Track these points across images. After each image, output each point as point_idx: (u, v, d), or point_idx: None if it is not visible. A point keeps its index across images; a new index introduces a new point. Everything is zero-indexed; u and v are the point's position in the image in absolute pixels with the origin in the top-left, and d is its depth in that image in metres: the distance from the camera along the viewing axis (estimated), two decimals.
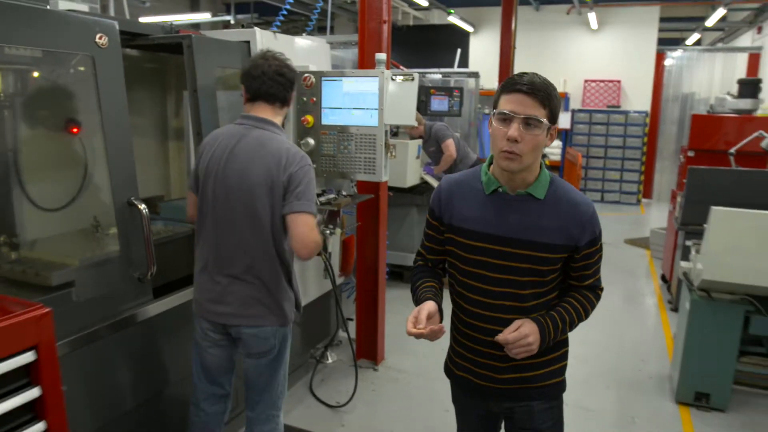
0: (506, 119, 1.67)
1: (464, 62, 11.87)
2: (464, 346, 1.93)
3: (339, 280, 3.80)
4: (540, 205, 1.78)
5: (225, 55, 3.20)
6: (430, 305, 1.77)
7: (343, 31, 13.85)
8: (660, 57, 11.81)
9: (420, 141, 5.80)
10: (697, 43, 14.45)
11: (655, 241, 7.29)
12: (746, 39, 12.48)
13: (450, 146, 5.76)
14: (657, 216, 9.83)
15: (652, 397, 3.84)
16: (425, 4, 10.67)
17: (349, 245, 3.69)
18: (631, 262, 7.22)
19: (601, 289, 1.95)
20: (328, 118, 3.22)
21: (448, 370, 2.04)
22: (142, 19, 6.87)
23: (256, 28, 3.29)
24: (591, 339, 4.53)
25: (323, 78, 3.20)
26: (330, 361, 4.19)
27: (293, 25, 14.42)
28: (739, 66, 11.63)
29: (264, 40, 3.29)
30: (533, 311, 1.82)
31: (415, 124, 4.69)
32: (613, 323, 5.07)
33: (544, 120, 1.65)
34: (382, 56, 3.17)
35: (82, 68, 2.40)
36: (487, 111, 8.03)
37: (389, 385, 3.93)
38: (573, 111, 11.47)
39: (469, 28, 12.53)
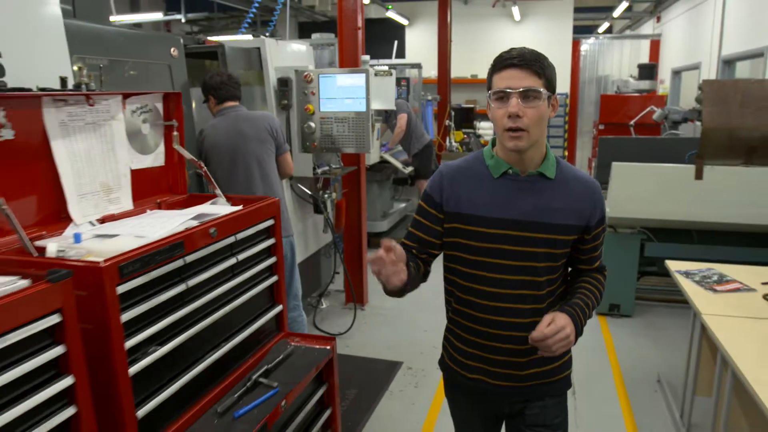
0: (503, 97, 1.57)
1: (401, 53, 12.89)
2: (477, 345, 1.78)
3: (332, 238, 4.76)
4: (552, 185, 1.68)
5: (245, 60, 4.09)
6: (399, 248, 1.57)
7: (284, 27, 14.58)
8: (576, 44, 13.19)
9: (379, 123, 6.76)
10: (609, 30, 16.02)
11: None
12: (648, 27, 14.07)
13: (401, 119, 6.66)
14: None
15: None
16: (366, 1, 11.57)
17: (340, 207, 4.64)
18: None
19: (606, 269, 1.88)
20: (326, 106, 4.14)
21: (456, 376, 1.87)
22: None
23: (264, 38, 4.18)
24: None
25: (321, 75, 4.11)
26: (324, 306, 5.13)
27: (231, 21, 15.01)
28: (643, 50, 13.18)
29: (270, 47, 4.19)
30: (546, 299, 1.73)
31: (395, 108, 5.60)
32: None
33: (543, 90, 1.56)
34: (366, 57, 4.13)
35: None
36: (430, 97, 9.07)
37: (377, 318, 4.91)
38: None
39: (404, 22, 13.54)
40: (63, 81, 1.77)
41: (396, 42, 11.08)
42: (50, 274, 1.18)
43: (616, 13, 12.54)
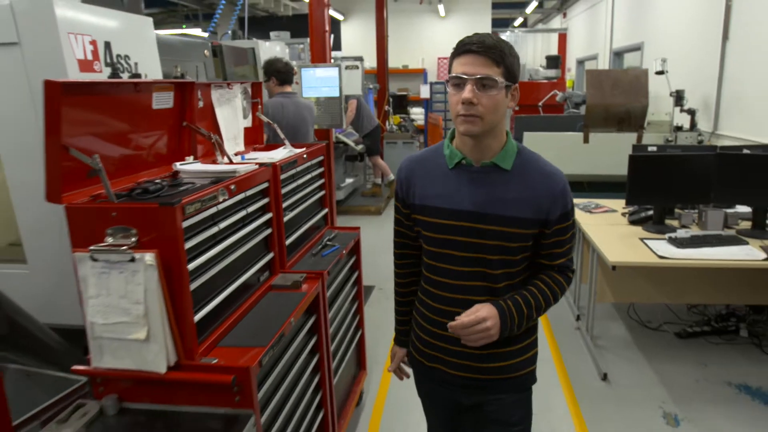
0: (459, 83, 1.54)
1: (337, 46, 14.12)
2: (434, 334, 1.76)
3: None
4: (507, 177, 1.62)
5: (238, 57, 5.24)
6: (402, 352, 2.01)
7: (224, 21, 15.46)
8: None
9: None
10: (524, 23, 17.79)
11: None
12: (557, 22, 15.87)
13: (351, 104, 7.94)
14: None
15: None
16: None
17: None
18: None
19: (572, 272, 1.77)
20: (307, 93, 5.34)
21: (417, 363, 1.89)
22: None
23: (256, 40, 5.34)
24: None
25: (303, 68, 5.31)
26: None
27: (169, 16, 15.69)
28: (553, 42, 14.94)
29: (261, 47, 5.35)
30: (505, 292, 1.68)
31: (368, 92, 6.84)
32: None
33: (499, 78, 1.51)
34: (338, 53, 5.36)
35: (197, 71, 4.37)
36: (371, 86, 10.34)
37: None
38: (431, 83, 14.13)
39: (339, 17, 14.74)
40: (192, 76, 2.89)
41: (332, 36, 12.28)
42: (262, 165, 2.30)
43: (529, 9, 14.22)
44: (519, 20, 17.16)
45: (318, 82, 5.35)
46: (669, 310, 4.59)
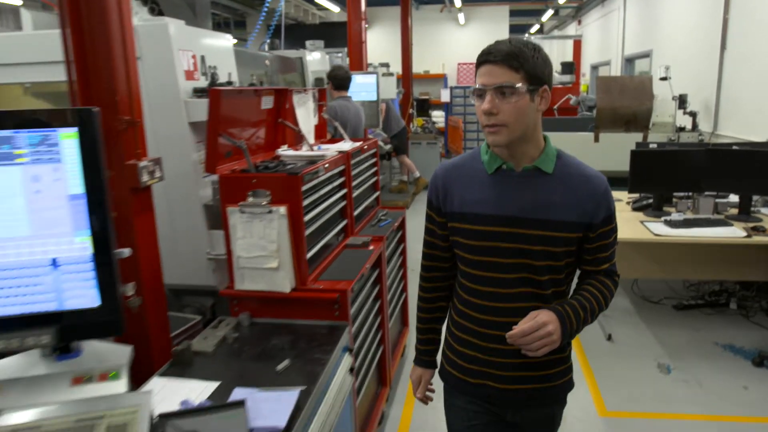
0: (481, 94, 1.51)
1: None
2: (480, 348, 1.69)
3: None
4: (549, 180, 1.58)
5: (285, 65, 5.96)
6: (428, 375, 1.91)
7: (260, 31, 16.28)
8: None
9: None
10: (540, 29, 18.42)
11: None
12: (572, 28, 16.49)
13: (381, 108, 8.65)
14: None
15: None
16: (337, 10, 13.47)
17: None
18: None
19: (618, 276, 1.74)
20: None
21: (459, 383, 1.77)
22: None
23: (303, 50, 6.05)
24: None
25: None
26: None
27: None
28: (568, 48, 15.56)
29: (307, 56, 6.06)
30: (552, 299, 1.63)
31: (395, 96, 7.56)
32: None
33: (520, 84, 1.47)
34: (375, 63, 6.06)
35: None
36: (398, 90, 11.04)
37: None
38: (451, 88, 14.81)
39: (364, 25, 15.48)
40: (260, 82, 3.58)
41: None
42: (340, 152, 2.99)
43: (545, 18, 14.85)
44: (535, 27, 17.84)
45: (358, 88, 6.07)
46: (669, 288, 5.22)
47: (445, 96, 14.43)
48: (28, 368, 1.54)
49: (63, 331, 1.42)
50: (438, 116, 14.62)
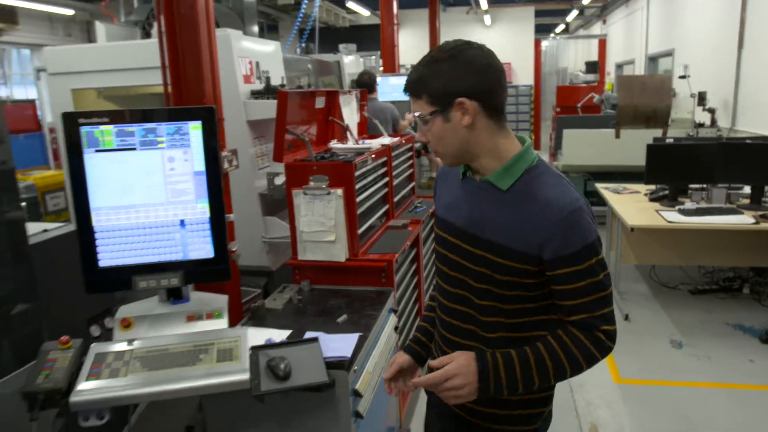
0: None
1: None
2: (436, 344, 1.65)
3: None
4: (501, 198, 1.40)
5: (323, 69, 6.41)
6: (402, 358, 1.66)
7: (287, 30, 16.83)
8: (537, 43, 15.71)
9: None
10: (566, 29, 18.66)
11: None
12: (597, 28, 16.70)
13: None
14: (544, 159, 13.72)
15: None
16: (366, 14, 13.92)
17: None
18: None
19: (604, 331, 1.37)
20: (382, 97, 6.47)
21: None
22: None
23: (341, 53, 6.50)
24: None
25: (380, 77, 6.45)
26: None
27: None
28: (593, 47, 15.76)
29: (343, 60, 6.51)
30: (492, 330, 1.45)
31: None
32: None
33: (424, 110, 1.38)
34: (406, 64, 6.47)
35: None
36: None
37: None
38: None
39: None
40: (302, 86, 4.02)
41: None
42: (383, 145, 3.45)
43: (570, 17, 15.11)
44: (561, 27, 18.09)
45: (390, 89, 6.50)
46: (685, 275, 5.53)
47: None
48: (152, 309, 1.98)
49: (186, 276, 1.86)
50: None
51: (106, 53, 3.98)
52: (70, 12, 11.45)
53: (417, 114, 1.41)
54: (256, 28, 5.48)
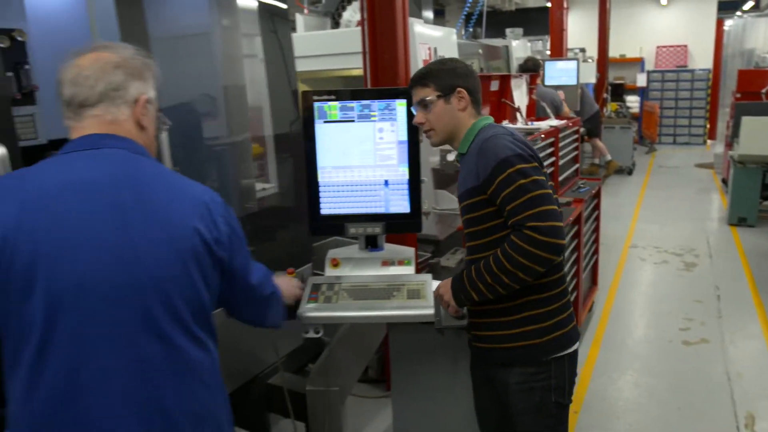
0: (415, 110, 1.97)
1: None
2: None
3: None
4: (465, 159, 1.90)
5: (492, 53, 6.63)
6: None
7: (452, 15, 17.10)
8: (719, 23, 14.52)
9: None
10: (756, 4, 16.93)
11: (717, 162, 10.36)
12: None
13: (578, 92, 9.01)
14: (719, 151, 12.77)
15: (717, 224, 7.13)
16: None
17: None
18: (700, 176, 10.37)
19: (533, 227, 1.63)
20: (549, 81, 6.56)
21: None
22: None
23: (509, 38, 6.68)
24: (680, 207, 7.83)
25: (546, 62, 6.54)
26: None
27: None
28: None
29: (512, 44, 6.69)
30: (472, 252, 1.93)
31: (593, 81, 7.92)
32: (692, 204, 8.30)
33: (432, 96, 1.88)
34: (574, 48, 6.50)
35: None
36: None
37: None
38: (648, 72, 14.41)
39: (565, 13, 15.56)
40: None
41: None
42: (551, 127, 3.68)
43: None
44: (749, 4, 16.43)
45: (559, 73, 6.57)
46: None
47: (641, 80, 14.14)
48: (354, 254, 2.42)
49: (388, 226, 2.27)
50: (632, 101, 14.35)
51: (310, 41, 4.54)
52: None
53: (425, 98, 1.89)
54: (431, 14, 5.84)
